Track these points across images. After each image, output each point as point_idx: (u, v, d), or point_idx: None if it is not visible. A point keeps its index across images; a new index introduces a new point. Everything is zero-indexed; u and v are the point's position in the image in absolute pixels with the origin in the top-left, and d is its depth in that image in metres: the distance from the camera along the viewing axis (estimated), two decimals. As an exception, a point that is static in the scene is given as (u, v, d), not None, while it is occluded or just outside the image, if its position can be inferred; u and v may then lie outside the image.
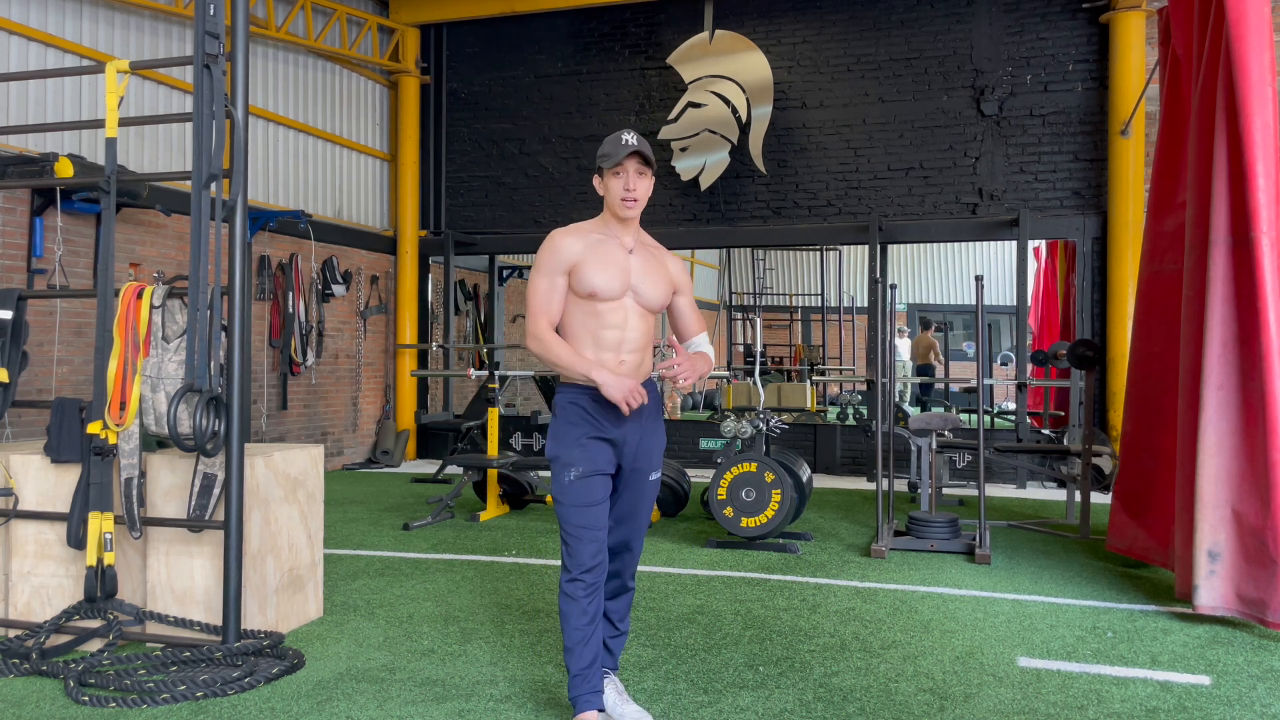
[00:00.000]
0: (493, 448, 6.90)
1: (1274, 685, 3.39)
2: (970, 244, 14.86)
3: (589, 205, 9.80)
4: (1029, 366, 8.66)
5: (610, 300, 2.91)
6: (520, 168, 10.37)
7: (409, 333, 10.40)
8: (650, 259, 3.02)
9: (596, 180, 3.00)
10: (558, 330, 2.96)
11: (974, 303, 5.90)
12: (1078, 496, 6.88)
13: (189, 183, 4.35)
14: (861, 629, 4.01)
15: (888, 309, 6.27)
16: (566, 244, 2.93)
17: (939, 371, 13.28)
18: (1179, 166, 4.96)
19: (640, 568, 5.01)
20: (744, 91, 9.42)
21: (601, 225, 3.01)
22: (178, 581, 3.74)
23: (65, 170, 5.79)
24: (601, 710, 2.93)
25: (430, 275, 10.69)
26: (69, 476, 3.78)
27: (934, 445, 6.16)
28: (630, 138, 2.90)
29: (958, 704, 3.16)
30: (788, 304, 15.87)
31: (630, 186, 2.91)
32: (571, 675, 2.89)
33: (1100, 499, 7.30)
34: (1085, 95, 8.67)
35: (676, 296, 3.09)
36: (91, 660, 3.39)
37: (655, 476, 3.09)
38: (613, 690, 3.03)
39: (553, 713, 3.08)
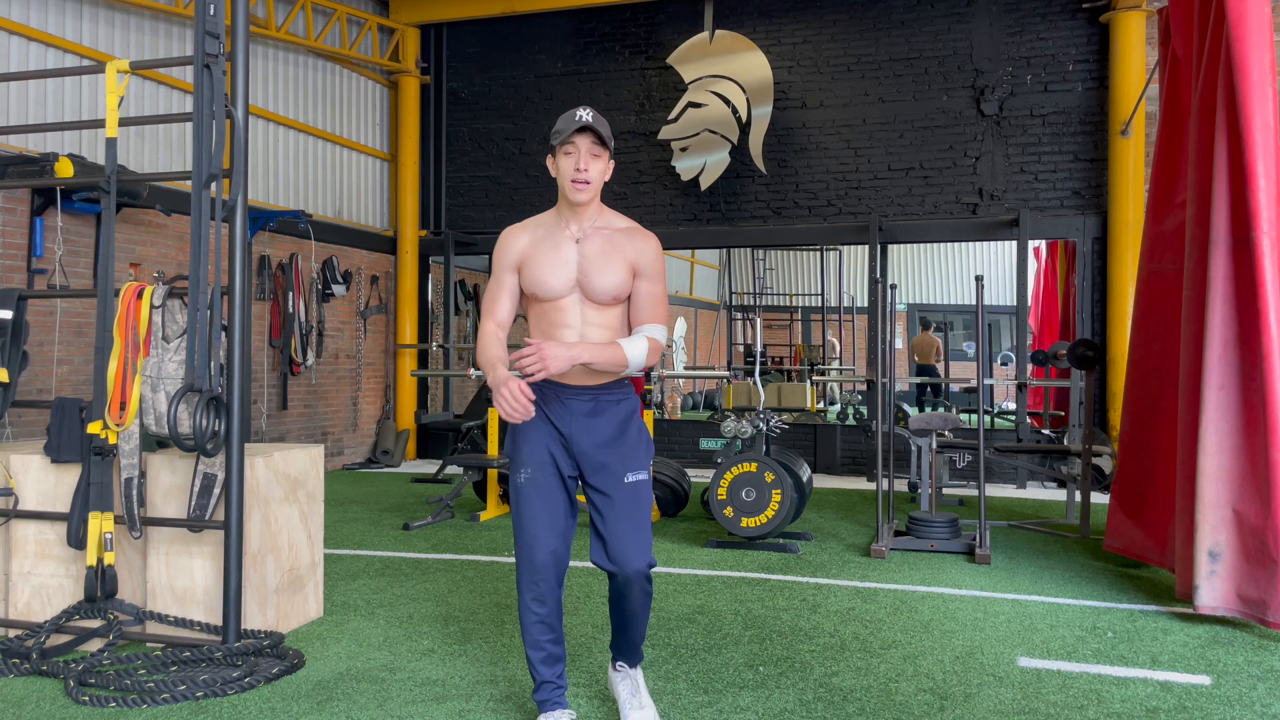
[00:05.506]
0: (493, 448, 6.90)
1: (1274, 685, 3.38)
2: (970, 244, 14.85)
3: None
4: (1029, 366, 8.66)
5: (555, 299, 2.71)
6: (520, 168, 10.38)
7: (409, 333, 10.40)
8: (606, 245, 2.72)
9: (549, 161, 2.74)
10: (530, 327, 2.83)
11: (974, 303, 5.90)
12: (1078, 496, 6.88)
13: (189, 183, 4.36)
14: (861, 629, 4.01)
15: (888, 309, 6.27)
16: (511, 241, 2.78)
17: (941, 371, 13.26)
18: (1179, 166, 4.96)
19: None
20: (744, 91, 9.41)
21: (552, 215, 2.81)
22: (178, 581, 3.74)
23: (65, 170, 5.79)
24: (564, 708, 2.80)
25: (430, 275, 10.69)
26: (69, 476, 3.79)
27: (934, 445, 6.17)
28: (585, 114, 2.65)
29: (958, 704, 3.16)
30: (788, 304, 15.87)
31: (582, 166, 2.65)
32: (535, 682, 2.81)
33: (1100, 499, 7.30)
34: (1085, 95, 8.67)
35: (637, 280, 2.74)
36: (91, 660, 3.39)
37: (635, 478, 2.72)
38: (626, 688, 2.92)
39: (553, 713, 3.07)
